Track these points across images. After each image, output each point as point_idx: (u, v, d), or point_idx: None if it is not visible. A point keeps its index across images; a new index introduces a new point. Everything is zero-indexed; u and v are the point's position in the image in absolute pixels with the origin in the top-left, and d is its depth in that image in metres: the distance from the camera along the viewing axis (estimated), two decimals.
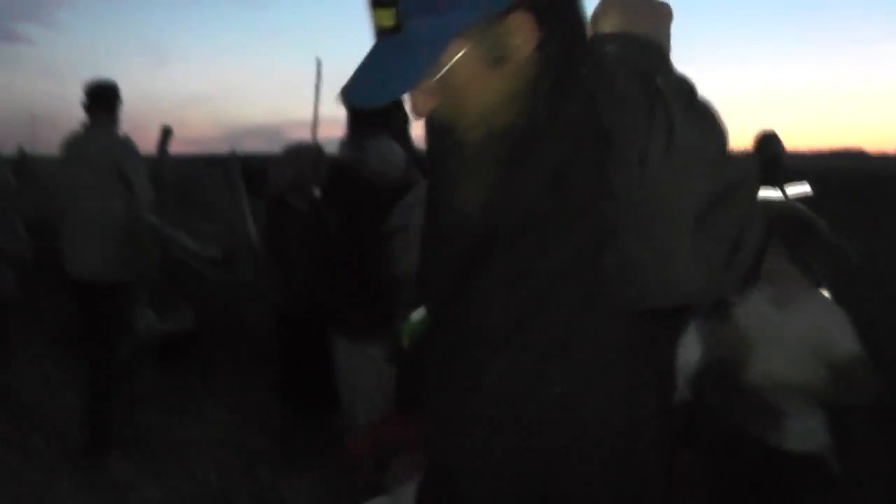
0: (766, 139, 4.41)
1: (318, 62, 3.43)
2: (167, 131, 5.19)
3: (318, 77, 3.40)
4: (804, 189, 4.18)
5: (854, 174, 15.12)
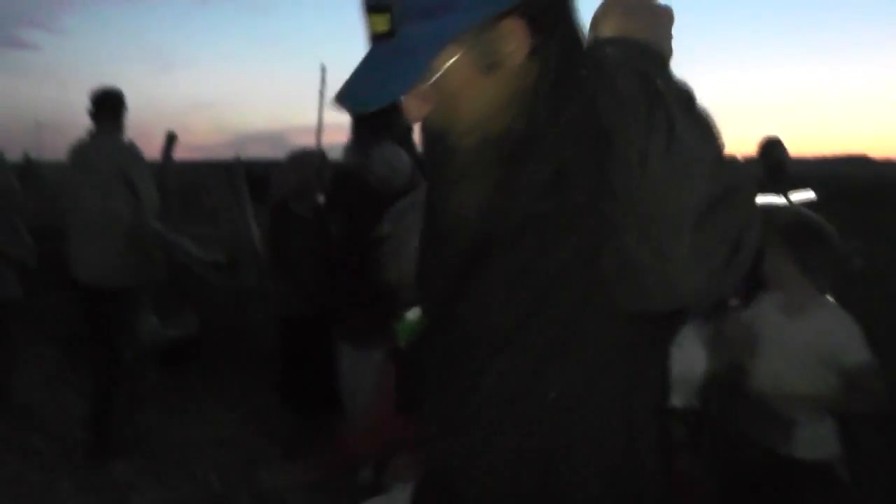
0: (770, 145, 4.40)
1: (323, 68, 3.45)
2: (172, 137, 5.21)
3: (323, 83, 3.42)
4: (808, 195, 4.17)
5: (858, 180, 15.07)
